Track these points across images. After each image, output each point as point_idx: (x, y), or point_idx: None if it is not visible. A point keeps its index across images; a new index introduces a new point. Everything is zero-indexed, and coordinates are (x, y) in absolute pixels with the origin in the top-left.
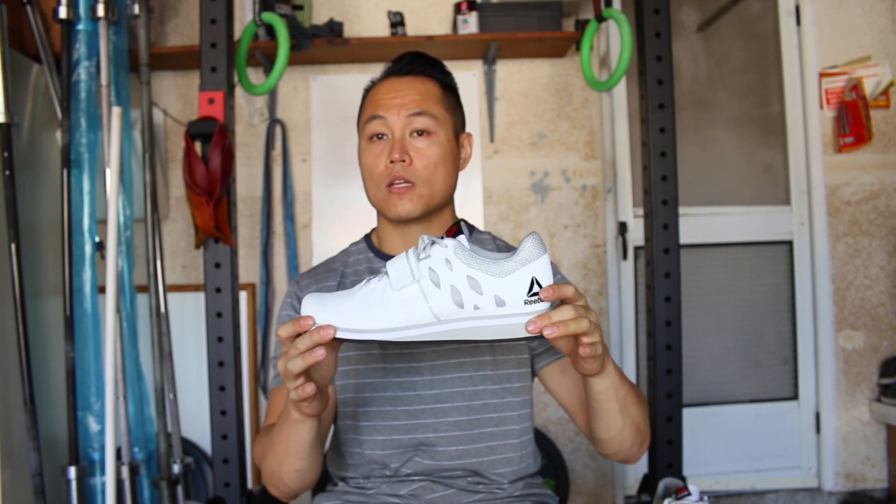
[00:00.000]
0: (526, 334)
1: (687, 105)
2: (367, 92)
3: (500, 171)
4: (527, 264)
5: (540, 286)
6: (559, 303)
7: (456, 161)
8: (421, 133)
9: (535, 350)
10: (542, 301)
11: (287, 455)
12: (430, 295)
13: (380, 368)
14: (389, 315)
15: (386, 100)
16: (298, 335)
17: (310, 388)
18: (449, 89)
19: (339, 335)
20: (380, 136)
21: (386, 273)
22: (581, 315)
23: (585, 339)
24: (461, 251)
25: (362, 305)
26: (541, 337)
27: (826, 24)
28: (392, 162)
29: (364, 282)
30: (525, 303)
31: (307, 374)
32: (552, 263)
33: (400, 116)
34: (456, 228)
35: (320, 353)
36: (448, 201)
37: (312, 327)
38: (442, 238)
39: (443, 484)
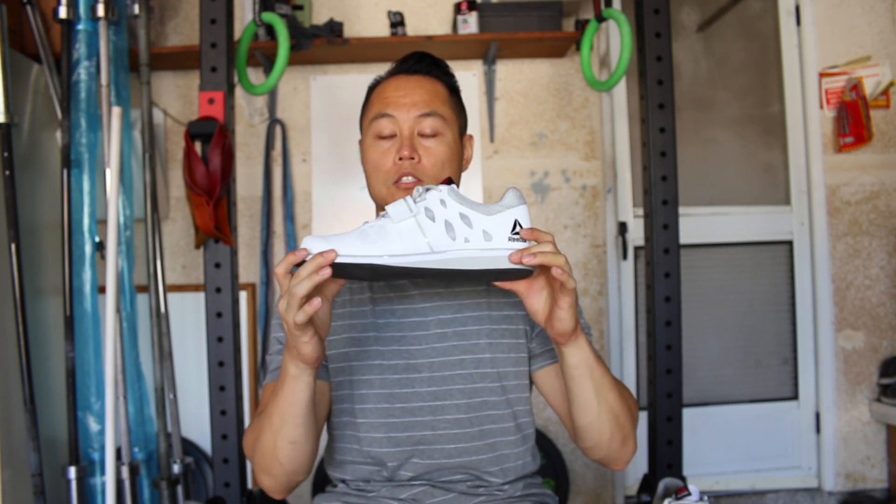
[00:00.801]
0: (509, 265)
1: (687, 105)
2: (372, 89)
3: (500, 171)
4: (510, 208)
5: (521, 227)
6: None
7: (460, 162)
8: (429, 133)
9: (532, 351)
10: (522, 240)
11: (283, 424)
12: (426, 228)
13: (377, 365)
14: (388, 244)
15: (394, 98)
16: (296, 270)
17: (317, 302)
18: (454, 91)
19: (340, 260)
20: (387, 135)
21: (384, 214)
22: (558, 252)
23: (563, 278)
24: (454, 194)
25: (361, 237)
26: (523, 273)
27: (826, 24)
28: (401, 159)
29: (362, 222)
30: (509, 239)
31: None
32: None
33: (409, 115)
34: (448, 179)
35: (327, 272)
36: None
37: (309, 256)
38: (436, 186)
39: (443, 488)
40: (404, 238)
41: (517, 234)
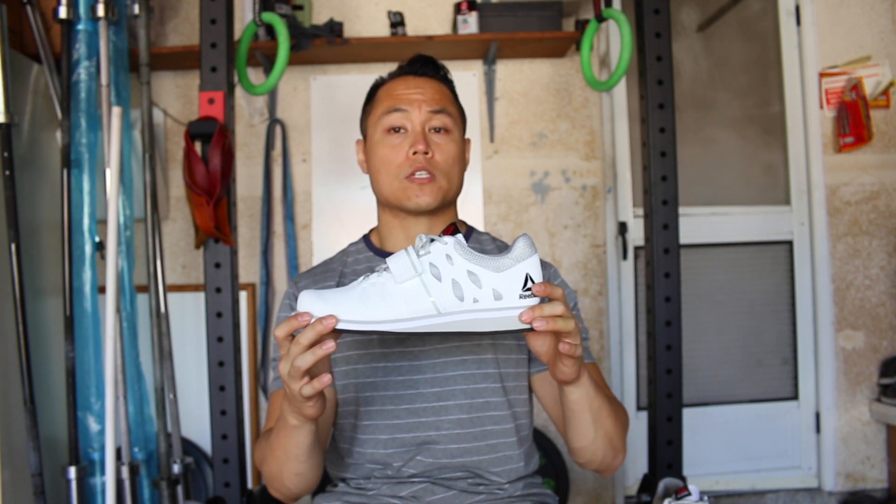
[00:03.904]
0: (521, 326)
1: (687, 105)
2: (377, 88)
3: (500, 171)
4: (521, 261)
5: (533, 282)
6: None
7: (465, 162)
8: (439, 130)
9: (530, 354)
10: (534, 296)
11: (287, 460)
12: (431, 288)
13: (381, 367)
14: (391, 307)
15: (406, 94)
16: (294, 335)
17: (326, 379)
18: (456, 95)
19: (341, 326)
20: (398, 129)
21: (386, 268)
22: (569, 315)
23: (568, 340)
24: (460, 248)
25: (363, 298)
26: (530, 330)
27: (826, 24)
28: (415, 153)
29: (362, 277)
30: (520, 297)
31: (308, 371)
32: (554, 268)
33: (422, 111)
34: (453, 228)
35: (331, 346)
36: (454, 201)
37: (311, 321)
38: (440, 236)
39: (443, 486)
40: (409, 300)
41: (528, 290)
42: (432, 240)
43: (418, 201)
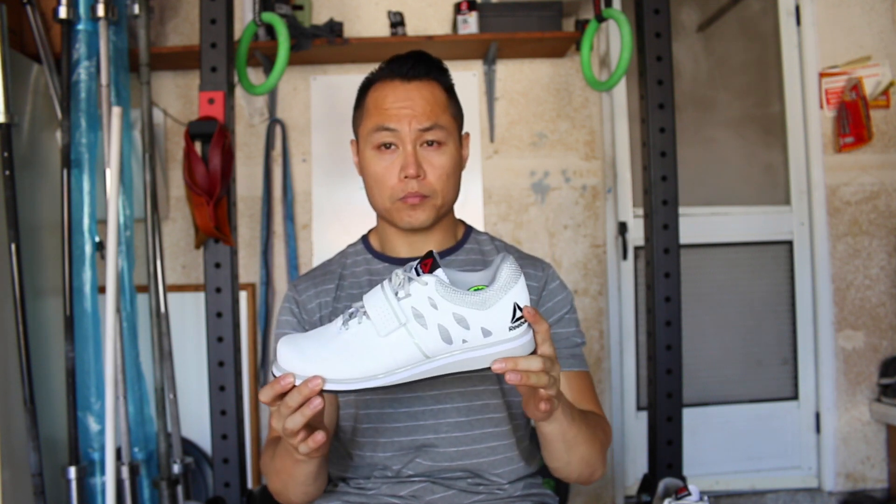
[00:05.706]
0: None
1: (687, 105)
2: (366, 90)
3: (500, 171)
4: (508, 291)
5: (521, 309)
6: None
7: (461, 166)
8: (432, 144)
9: None
10: (524, 322)
11: (294, 485)
12: (418, 336)
13: None
14: (377, 361)
15: (395, 110)
16: (282, 395)
17: (320, 437)
18: (451, 91)
19: (328, 387)
20: (388, 146)
21: (365, 313)
22: (546, 369)
23: (543, 393)
24: (442, 288)
25: (345, 353)
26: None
27: (826, 24)
28: (406, 177)
29: (341, 323)
30: (510, 329)
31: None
32: (552, 269)
33: (412, 128)
34: (431, 261)
35: (318, 403)
36: (451, 208)
37: (296, 381)
38: (418, 274)
39: (443, 485)
40: (395, 351)
41: (518, 319)
42: (410, 279)
43: (411, 221)
